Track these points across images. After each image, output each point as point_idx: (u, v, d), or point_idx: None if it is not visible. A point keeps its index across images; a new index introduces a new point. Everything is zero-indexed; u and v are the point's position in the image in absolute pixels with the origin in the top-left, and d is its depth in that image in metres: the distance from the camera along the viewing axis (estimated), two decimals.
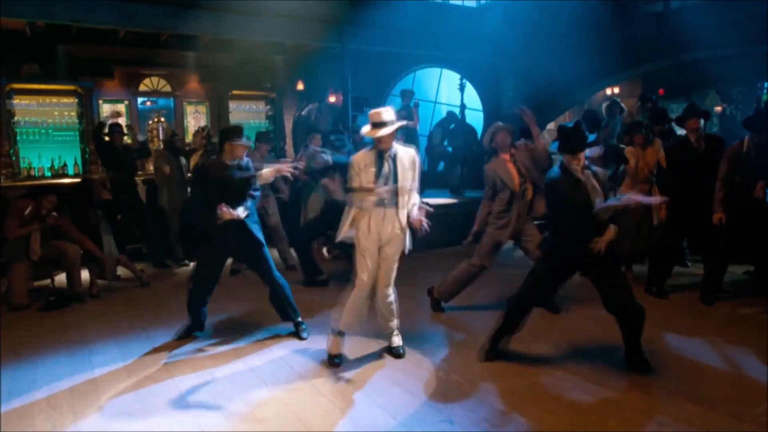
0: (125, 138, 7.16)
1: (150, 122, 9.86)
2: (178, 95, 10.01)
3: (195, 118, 10.27)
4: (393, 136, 3.84)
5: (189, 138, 9.80)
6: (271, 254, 4.59)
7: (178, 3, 7.15)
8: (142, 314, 5.18)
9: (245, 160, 4.45)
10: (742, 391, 3.43)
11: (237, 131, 4.42)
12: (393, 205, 3.86)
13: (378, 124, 3.77)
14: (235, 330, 4.68)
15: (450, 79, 12.36)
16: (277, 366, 3.94)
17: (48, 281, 5.84)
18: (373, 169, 3.83)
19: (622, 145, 6.46)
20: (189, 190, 6.82)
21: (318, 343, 4.32)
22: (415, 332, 4.26)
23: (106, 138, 6.89)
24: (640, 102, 8.66)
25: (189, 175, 7.60)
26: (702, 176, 4.98)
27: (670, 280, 5.41)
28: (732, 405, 3.23)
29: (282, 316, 4.58)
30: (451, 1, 9.99)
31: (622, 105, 9.15)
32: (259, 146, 6.71)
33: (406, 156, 3.91)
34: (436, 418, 3.16)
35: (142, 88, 9.74)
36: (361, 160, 3.89)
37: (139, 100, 9.79)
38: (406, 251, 3.99)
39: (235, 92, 10.20)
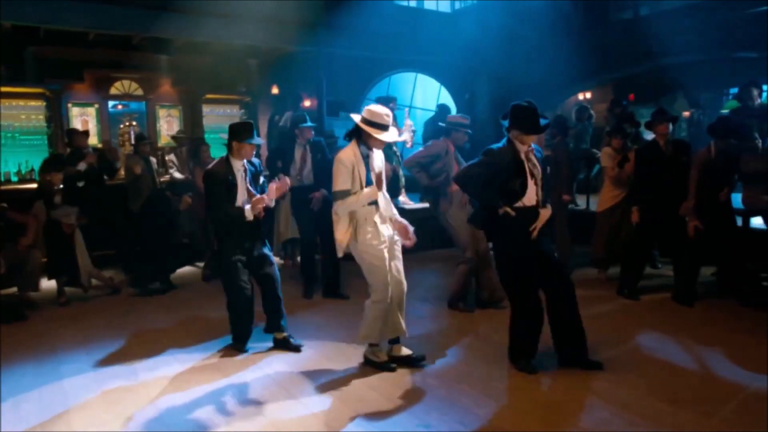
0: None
1: (121, 126, 9.68)
2: (151, 99, 9.84)
3: (168, 122, 10.10)
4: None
5: (162, 142, 9.68)
6: None
7: (150, 5, 7.04)
8: (113, 321, 5.08)
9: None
10: (711, 390, 3.49)
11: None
12: (384, 202, 3.81)
13: (386, 127, 3.68)
14: (213, 342, 4.62)
15: (425, 83, 12.42)
16: (254, 375, 3.89)
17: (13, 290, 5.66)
18: (363, 169, 3.71)
19: (594, 150, 6.56)
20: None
21: (293, 352, 4.28)
22: None
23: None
24: (610, 107, 8.82)
25: (163, 178, 7.49)
26: (670, 180, 5.08)
27: (641, 281, 5.49)
28: (702, 404, 3.29)
29: (270, 327, 4.38)
30: (425, 6, 10.06)
31: (591, 111, 9.31)
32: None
33: (377, 153, 3.87)
34: (412, 422, 3.16)
35: (113, 91, 9.55)
36: (351, 159, 3.69)
37: (110, 103, 9.61)
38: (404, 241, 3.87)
39: (208, 96, 10.07)
